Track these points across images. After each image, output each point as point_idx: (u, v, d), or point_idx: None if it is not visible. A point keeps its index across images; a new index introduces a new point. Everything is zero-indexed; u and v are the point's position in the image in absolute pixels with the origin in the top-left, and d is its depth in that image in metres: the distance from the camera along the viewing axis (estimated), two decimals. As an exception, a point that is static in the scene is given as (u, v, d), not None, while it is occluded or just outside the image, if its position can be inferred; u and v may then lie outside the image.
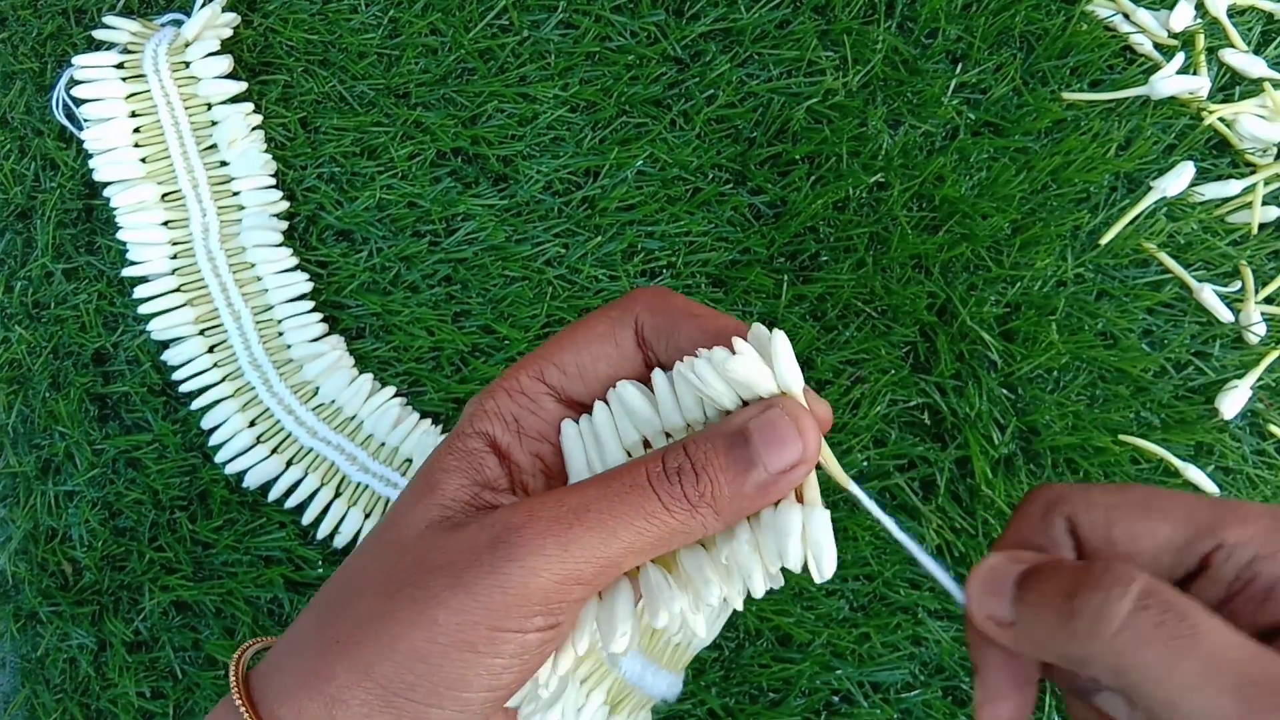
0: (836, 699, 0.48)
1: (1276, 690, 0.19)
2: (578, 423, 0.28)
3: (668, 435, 0.27)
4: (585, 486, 0.24)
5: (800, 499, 0.25)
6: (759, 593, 0.25)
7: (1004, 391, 0.50)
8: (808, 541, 0.24)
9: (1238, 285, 0.52)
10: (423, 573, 0.24)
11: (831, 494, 0.47)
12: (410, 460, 0.50)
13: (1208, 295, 0.51)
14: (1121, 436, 0.50)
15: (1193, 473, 0.49)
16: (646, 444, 0.27)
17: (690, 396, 0.26)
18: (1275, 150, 0.53)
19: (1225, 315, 0.51)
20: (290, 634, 0.26)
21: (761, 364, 0.24)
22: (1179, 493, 0.24)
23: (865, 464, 0.50)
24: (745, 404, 0.25)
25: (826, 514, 0.25)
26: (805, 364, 0.51)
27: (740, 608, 0.26)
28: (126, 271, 0.51)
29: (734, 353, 0.24)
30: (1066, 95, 0.53)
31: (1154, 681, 0.20)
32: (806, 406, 0.25)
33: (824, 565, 0.25)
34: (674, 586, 0.25)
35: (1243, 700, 0.19)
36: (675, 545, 0.24)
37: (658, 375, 0.26)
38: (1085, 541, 0.24)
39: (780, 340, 0.25)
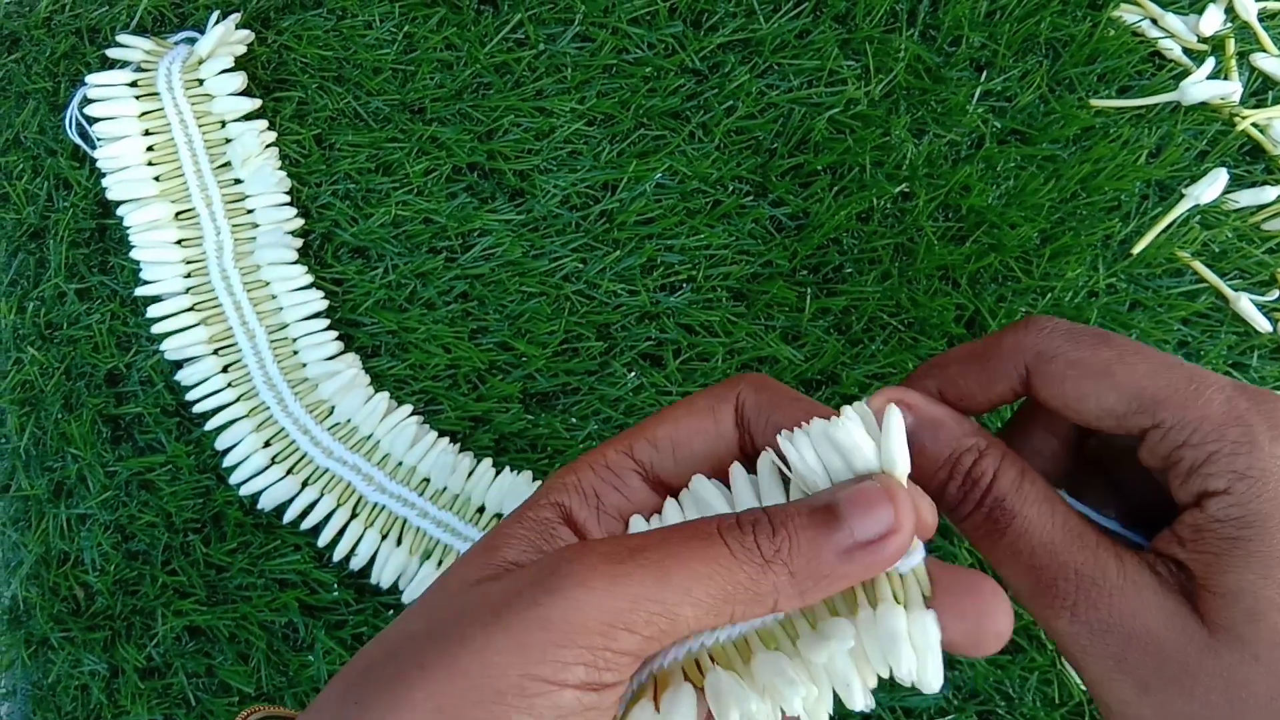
0: (868, 725, 0.47)
1: (1054, 575, 0.24)
2: (647, 519, 0.26)
3: None
4: (648, 532, 0.23)
5: (899, 600, 0.23)
6: (858, 705, 0.23)
7: (1035, 405, 0.49)
8: (915, 647, 0.22)
9: (1275, 294, 0.50)
10: (463, 621, 0.21)
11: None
12: (427, 480, 0.49)
13: (1245, 305, 0.50)
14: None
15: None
16: None
17: (774, 484, 0.24)
18: (1311, 155, 0.51)
19: (1263, 325, 0.50)
20: (313, 706, 0.23)
21: (867, 435, 0.23)
22: (1151, 356, 0.25)
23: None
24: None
25: (933, 615, 0.23)
26: (831, 379, 0.50)
27: None
28: (140, 291, 0.50)
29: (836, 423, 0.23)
30: (1094, 102, 0.52)
31: (983, 553, 0.25)
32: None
33: (929, 675, 0.23)
34: (747, 688, 0.23)
35: (1033, 581, 0.24)
36: (741, 611, 0.22)
37: (736, 469, 0.25)
38: (1034, 390, 0.26)
39: (894, 416, 0.23)
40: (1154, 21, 0.53)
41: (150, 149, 0.51)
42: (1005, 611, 0.23)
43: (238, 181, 0.51)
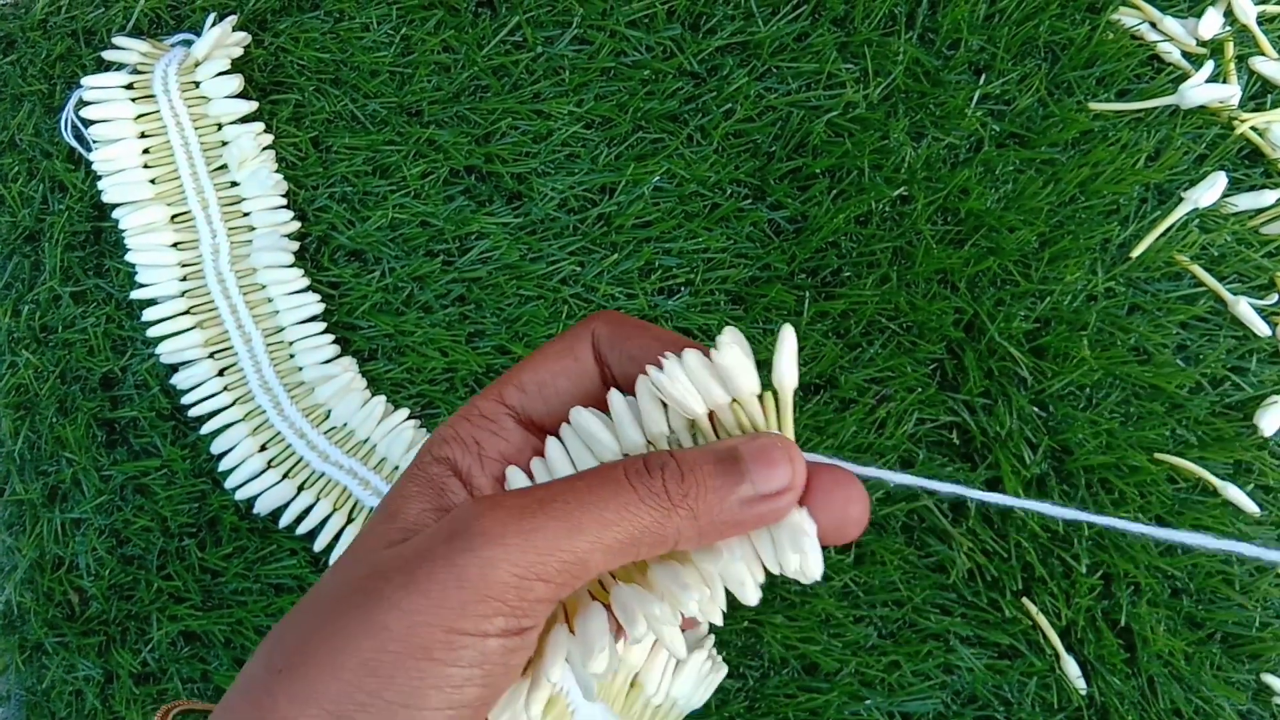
0: (866, 730, 0.47)
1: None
2: (528, 467, 0.27)
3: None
4: (553, 482, 0.24)
5: None
6: (751, 601, 0.25)
7: (1035, 409, 0.49)
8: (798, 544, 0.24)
9: (1274, 298, 0.50)
10: (375, 580, 0.22)
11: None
12: None
13: (1244, 308, 0.49)
14: (1157, 455, 0.48)
15: (1232, 491, 0.47)
16: None
17: (654, 407, 0.25)
18: (1309, 159, 0.51)
19: (1262, 329, 0.50)
20: (239, 677, 0.24)
21: (746, 359, 0.24)
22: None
23: (892, 485, 0.48)
24: (711, 414, 0.25)
25: (805, 512, 0.24)
26: (829, 383, 0.50)
27: (720, 622, 0.25)
28: (135, 294, 0.50)
29: (704, 355, 0.25)
30: (1093, 105, 0.51)
31: None
32: (792, 413, 0.25)
33: (811, 566, 0.24)
34: (648, 596, 0.24)
35: None
36: (645, 552, 0.23)
37: (614, 395, 0.26)
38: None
39: (788, 333, 0.25)
40: (1153, 25, 0.52)
41: (146, 151, 0.51)
42: (862, 499, 0.24)
43: (234, 184, 0.51)
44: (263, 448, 0.49)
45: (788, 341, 0.25)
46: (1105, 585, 0.48)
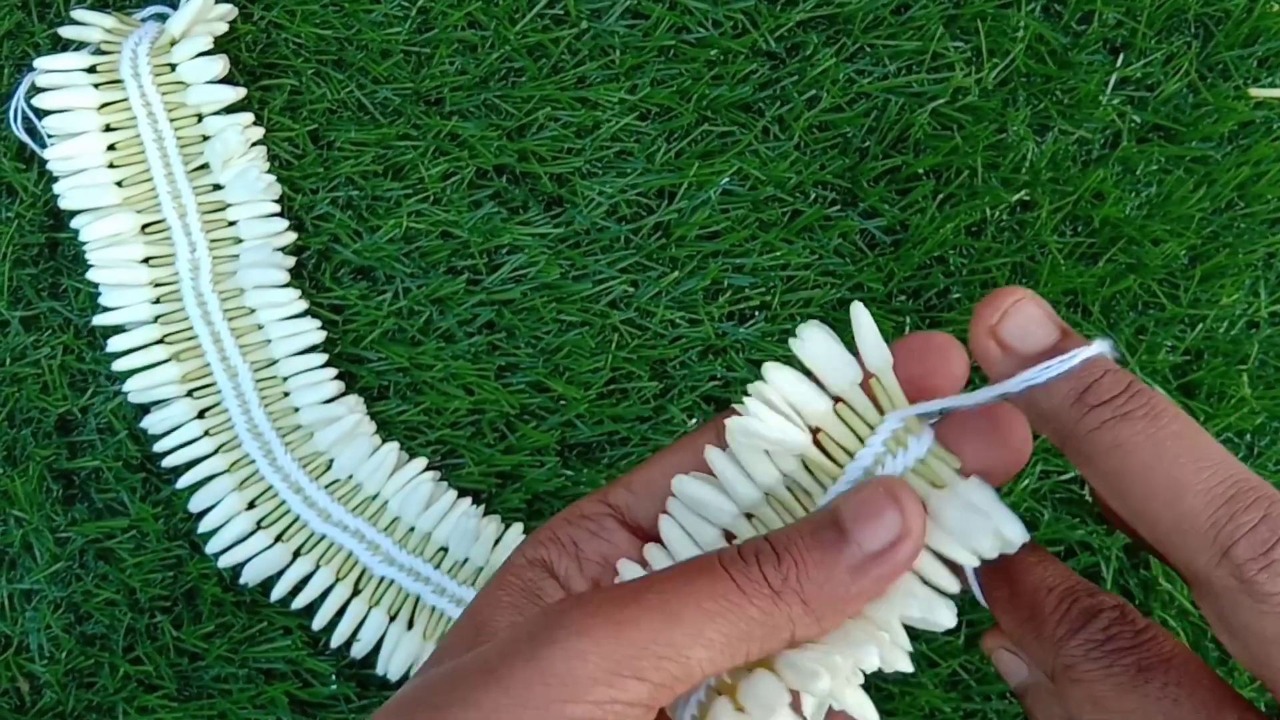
0: None
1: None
2: (642, 559, 0.27)
3: (750, 518, 0.27)
4: (647, 575, 0.24)
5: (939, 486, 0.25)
6: (948, 593, 0.24)
7: (1185, 460, 0.45)
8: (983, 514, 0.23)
9: None
10: (458, 687, 0.22)
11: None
12: (445, 549, 0.46)
13: None
14: (1342, 518, 0.44)
15: None
16: (730, 538, 0.27)
17: (755, 456, 0.25)
18: None
19: None
20: None
21: (835, 343, 0.24)
22: None
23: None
24: (815, 433, 0.25)
25: (976, 480, 0.24)
26: (937, 428, 0.45)
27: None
28: (98, 319, 0.47)
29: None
30: (1254, 91, 0.48)
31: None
32: (903, 397, 0.25)
33: (1010, 528, 0.23)
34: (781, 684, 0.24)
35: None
36: (758, 648, 0.22)
37: (711, 452, 0.26)
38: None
39: (860, 312, 0.25)
40: (1320, -5, 0.49)
41: (112, 148, 0.48)
42: (1022, 423, 0.24)
43: (217, 187, 0.48)
44: (251, 505, 0.47)
45: (863, 319, 0.25)
46: None
